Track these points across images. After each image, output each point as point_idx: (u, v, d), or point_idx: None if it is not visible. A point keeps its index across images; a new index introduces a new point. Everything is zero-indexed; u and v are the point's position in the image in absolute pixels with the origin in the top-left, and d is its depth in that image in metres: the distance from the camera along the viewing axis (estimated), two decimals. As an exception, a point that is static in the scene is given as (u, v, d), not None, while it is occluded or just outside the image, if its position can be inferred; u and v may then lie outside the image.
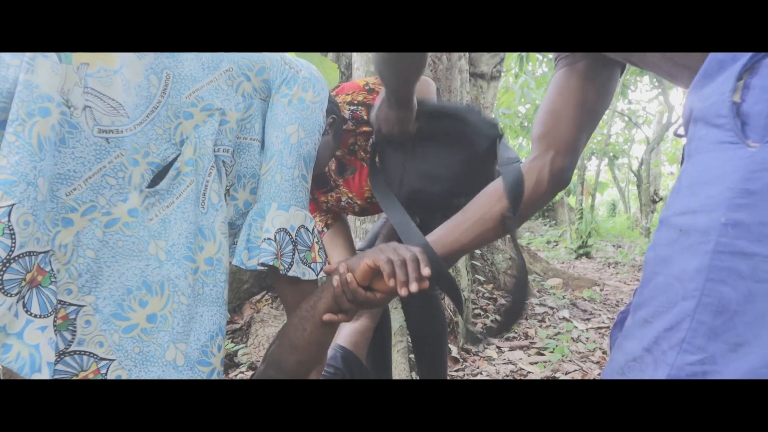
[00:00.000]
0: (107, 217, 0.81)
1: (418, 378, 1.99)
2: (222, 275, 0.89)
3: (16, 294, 0.70)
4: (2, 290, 0.69)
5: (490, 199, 0.95)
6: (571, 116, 0.94)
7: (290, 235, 0.93)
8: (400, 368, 2.05)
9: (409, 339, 1.83)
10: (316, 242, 0.97)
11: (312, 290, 0.97)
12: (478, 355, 2.54)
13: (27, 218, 0.70)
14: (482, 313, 3.09)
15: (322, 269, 0.98)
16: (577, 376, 2.33)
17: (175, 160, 0.87)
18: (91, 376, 0.79)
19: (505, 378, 2.30)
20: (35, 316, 0.72)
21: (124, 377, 0.81)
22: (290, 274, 0.93)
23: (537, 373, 2.34)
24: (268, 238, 0.91)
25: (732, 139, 0.53)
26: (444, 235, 0.96)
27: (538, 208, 0.98)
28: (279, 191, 0.93)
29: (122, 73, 0.82)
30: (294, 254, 0.93)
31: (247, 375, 2.39)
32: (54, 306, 0.75)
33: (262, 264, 0.91)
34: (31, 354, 0.70)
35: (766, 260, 0.49)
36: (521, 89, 6.78)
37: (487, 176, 1.17)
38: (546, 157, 0.94)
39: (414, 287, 0.80)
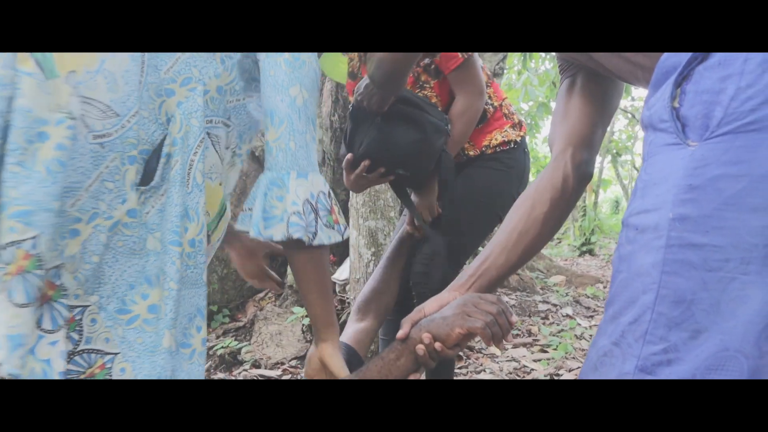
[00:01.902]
0: (109, 222, 0.81)
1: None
2: (202, 257, 0.89)
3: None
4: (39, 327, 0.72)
5: (523, 209, 0.98)
6: (581, 115, 0.99)
7: (311, 204, 0.92)
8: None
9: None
10: (335, 204, 0.97)
11: (325, 258, 0.96)
12: (481, 353, 2.54)
13: (50, 244, 0.73)
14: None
15: (346, 230, 0.97)
16: (580, 373, 2.33)
17: (162, 143, 0.85)
18: (97, 371, 0.81)
19: (509, 375, 2.30)
20: (46, 331, 0.75)
21: (128, 369, 0.82)
22: (315, 243, 0.91)
23: (540, 371, 2.34)
24: (297, 212, 0.89)
25: (675, 141, 0.56)
26: (495, 258, 0.98)
27: (572, 204, 1.00)
28: (296, 159, 0.90)
29: (104, 70, 0.79)
30: (317, 222, 0.92)
31: (251, 373, 2.40)
32: (65, 319, 0.77)
33: (295, 239, 0.89)
34: (44, 369, 0.73)
35: (714, 250, 0.51)
36: (524, 87, 6.74)
37: (431, 160, 1.41)
38: (566, 154, 0.98)
39: (509, 339, 0.89)
